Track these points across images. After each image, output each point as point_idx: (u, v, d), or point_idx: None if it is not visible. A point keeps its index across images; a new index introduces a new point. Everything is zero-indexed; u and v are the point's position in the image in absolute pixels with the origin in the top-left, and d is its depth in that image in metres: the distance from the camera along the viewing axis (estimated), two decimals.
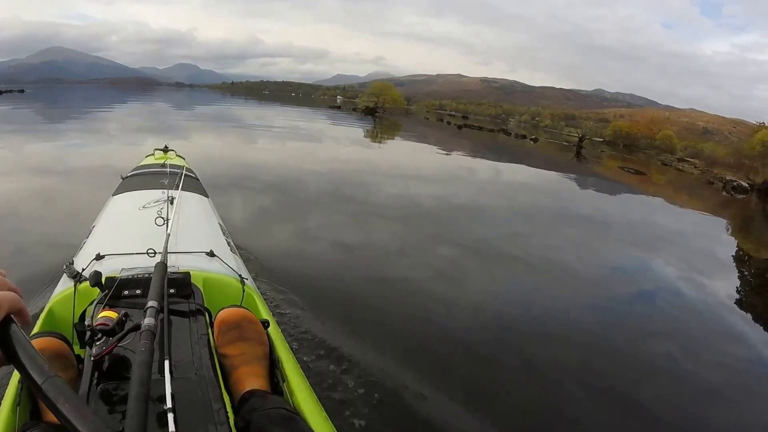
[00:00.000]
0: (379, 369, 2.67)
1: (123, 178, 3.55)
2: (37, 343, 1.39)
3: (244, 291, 1.97)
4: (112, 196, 3.21)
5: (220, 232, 2.74)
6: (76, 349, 1.55)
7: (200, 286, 1.78)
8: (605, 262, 6.37)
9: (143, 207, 2.73)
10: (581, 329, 3.89)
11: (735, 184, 22.70)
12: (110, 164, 7.29)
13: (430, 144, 21.59)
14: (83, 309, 1.67)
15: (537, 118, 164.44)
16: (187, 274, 1.74)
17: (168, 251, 1.67)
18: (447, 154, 18.16)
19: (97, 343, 1.22)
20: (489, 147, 25.45)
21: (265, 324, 1.65)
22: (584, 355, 3.44)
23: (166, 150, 4.60)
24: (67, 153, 9.55)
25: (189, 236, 2.28)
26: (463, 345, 3.27)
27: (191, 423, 1.03)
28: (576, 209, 9.88)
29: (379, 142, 20.37)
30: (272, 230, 5.24)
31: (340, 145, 17.04)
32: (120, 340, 1.19)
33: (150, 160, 4.25)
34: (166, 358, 1.13)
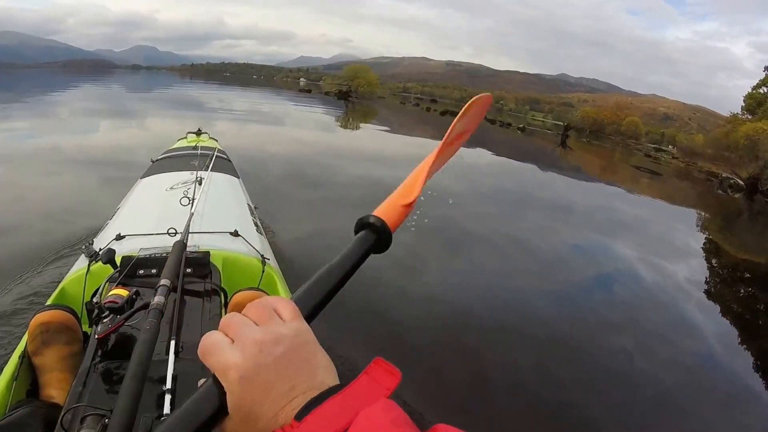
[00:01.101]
0: None
1: (153, 162, 3.51)
2: (44, 315, 1.42)
3: (263, 271, 1.91)
4: (140, 179, 3.17)
5: (248, 212, 2.70)
6: (85, 327, 1.53)
7: (219, 266, 1.73)
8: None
9: (170, 188, 2.66)
10: (540, 322, 3.83)
11: (732, 182, 22.05)
12: None
13: (417, 136, 19.92)
14: (97, 288, 1.59)
15: (501, 102, 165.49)
16: (206, 254, 1.68)
17: (191, 231, 1.61)
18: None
19: (104, 321, 1.19)
20: (479, 139, 23.84)
21: None
22: (538, 350, 3.35)
23: (199, 133, 4.58)
24: None
25: (214, 216, 2.26)
26: (411, 335, 3.17)
27: None
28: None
29: (352, 130, 18.53)
30: None
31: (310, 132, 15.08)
32: (127, 318, 1.16)
33: (182, 143, 4.19)
34: (173, 338, 1.10)
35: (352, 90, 49.74)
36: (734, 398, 3.34)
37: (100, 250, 1.84)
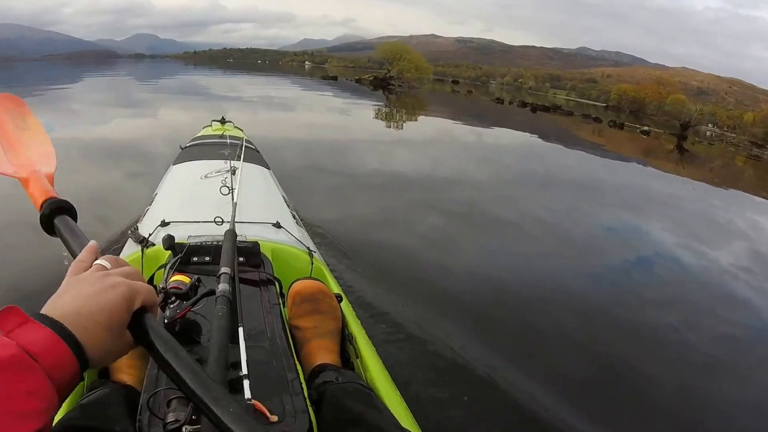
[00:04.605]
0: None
1: (182, 148, 3.56)
2: None
3: (312, 263, 1.94)
4: (172, 165, 3.22)
5: (285, 203, 2.73)
6: None
7: (269, 257, 1.74)
8: None
9: (205, 177, 2.67)
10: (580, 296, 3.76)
11: None
12: None
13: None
14: (150, 275, 1.68)
15: (520, 80, 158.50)
16: (256, 244, 1.69)
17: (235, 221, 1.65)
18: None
19: (171, 306, 1.20)
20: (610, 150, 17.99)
21: (339, 298, 1.62)
22: (584, 324, 3.31)
23: (223, 121, 4.60)
24: None
25: (254, 207, 2.29)
26: (461, 310, 3.15)
27: (265, 392, 1.02)
28: None
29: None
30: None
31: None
32: (194, 304, 1.20)
33: (208, 131, 4.24)
34: (240, 325, 1.13)
35: (393, 76, 40.70)
36: None
37: (150, 235, 1.89)
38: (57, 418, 1.06)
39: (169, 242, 1.53)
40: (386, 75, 41.19)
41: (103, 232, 3.54)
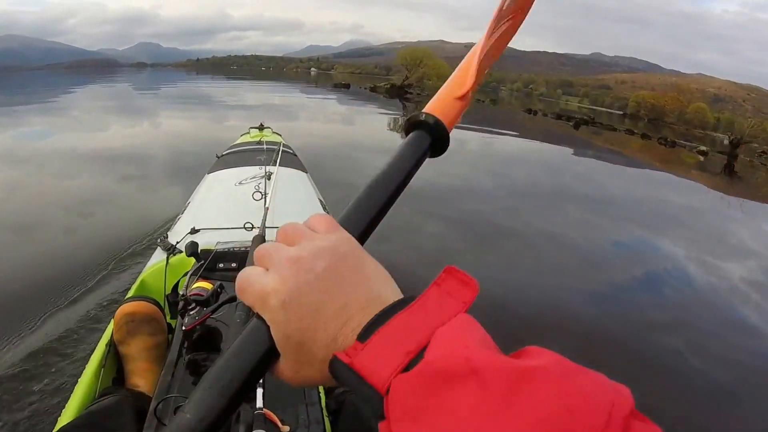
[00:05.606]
0: None
1: (218, 157, 3.52)
2: (130, 306, 1.45)
3: None
4: (207, 174, 3.17)
5: (320, 206, 2.70)
6: (167, 319, 1.59)
7: None
8: None
9: (239, 183, 2.67)
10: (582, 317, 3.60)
11: None
12: None
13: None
14: (176, 281, 1.64)
15: (531, 86, 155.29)
16: None
17: (266, 225, 1.62)
18: None
19: (191, 313, 1.21)
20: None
21: None
22: (583, 346, 3.15)
23: (261, 128, 4.56)
24: None
25: (287, 211, 2.26)
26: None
27: (280, 401, 1.02)
28: None
29: None
30: None
31: None
32: (214, 311, 1.19)
33: (246, 138, 4.21)
34: None
35: (411, 83, 37.30)
36: None
37: (177, 243, 1.88)
38: (64, 422, 1.11)
39: (192, 249, 1.50)
40: (404, 82, 37.58)
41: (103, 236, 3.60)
